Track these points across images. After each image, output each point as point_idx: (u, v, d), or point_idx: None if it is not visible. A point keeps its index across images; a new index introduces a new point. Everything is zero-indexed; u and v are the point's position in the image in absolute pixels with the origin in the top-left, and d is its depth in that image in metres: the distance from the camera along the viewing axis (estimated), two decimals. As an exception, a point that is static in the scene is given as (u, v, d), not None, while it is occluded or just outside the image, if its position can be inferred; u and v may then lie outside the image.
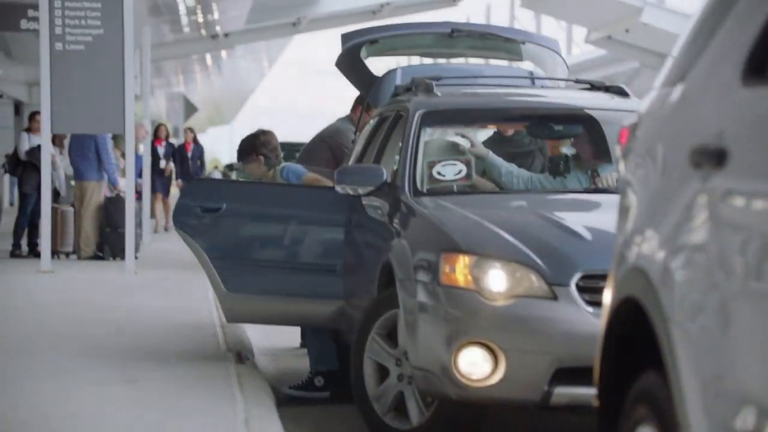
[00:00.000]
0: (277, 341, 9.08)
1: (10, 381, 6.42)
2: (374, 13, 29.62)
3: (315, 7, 28.57)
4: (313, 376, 6.98)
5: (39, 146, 13.49)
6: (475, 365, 5.23)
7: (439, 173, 6.32)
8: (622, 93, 6.89)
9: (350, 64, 7.69)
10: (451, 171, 6.34)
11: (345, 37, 7.61)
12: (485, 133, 7.38)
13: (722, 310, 2.58)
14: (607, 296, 3.23)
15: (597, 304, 5.12)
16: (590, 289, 5.21)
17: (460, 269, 5.34)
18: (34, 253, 14.48)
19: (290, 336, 8.98)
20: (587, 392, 4.93)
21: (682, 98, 3.04)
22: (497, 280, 5.29)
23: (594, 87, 7.09)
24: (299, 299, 6.71)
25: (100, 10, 12.29)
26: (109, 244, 14.10)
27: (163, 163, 20.36)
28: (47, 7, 12.29)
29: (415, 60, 9.03)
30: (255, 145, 7.43)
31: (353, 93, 8.30)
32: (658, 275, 2.86)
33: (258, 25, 28.92)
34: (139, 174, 15.81)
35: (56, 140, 14.87)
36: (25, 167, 14.82)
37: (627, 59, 32.21)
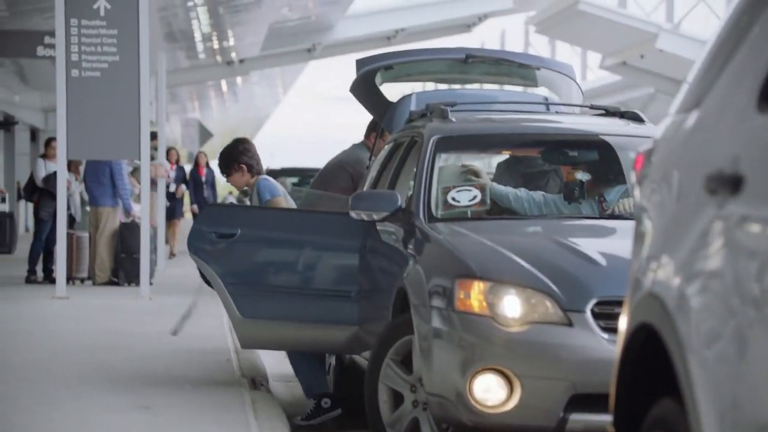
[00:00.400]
0: (291, 367, 9.06)
1: (25, 407, 6.42)
2: (389, 39, 29.71)
3: (330, 34, 28.66)
4: (318, 400, 6.96)
5: (55, 173, 13.54)
6: (490, 392, 5.21)
7: (453, 199, 6.32)
8: (637, 119, 6.88)
9: (365, 89, 7.71)
10: (465, 197, 6.34)
11: (360, 63, 7.64)
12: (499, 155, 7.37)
13: (739, 337, 2.57)
14: (623, 322, 3.21)
15: (612, 330, 5.10)
16: (605, 315, 5.19)
17: (474, 295, 5.32)
18: (49, 278, 14.51)
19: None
20: (603, 419, 4.90)
21: (697, 124, 3.03)
22: (512, 306, 5.27)
23: (609, 113, 7.08)
24: (314, 325, 6.70)
25: (116, 37, 12.35)
26: (123, 269, 14.13)
27: (173, 187, 20.35)
28: (64, 34, 12.35)
29: (430, 86, 9.06)
30: (235, 155, 7.49)
31: (367, 119, 8.30)
32: (674, 302, 2.85)
33: (273, 51, 29.01)
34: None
35: (72, 166, 14.92)
36: (41, 193, 14.88)
37: (642, 85, 32.23)
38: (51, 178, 14.38)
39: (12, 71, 26.62)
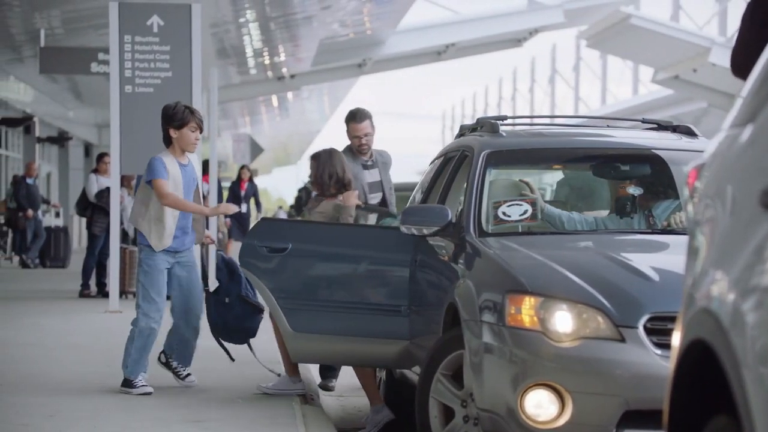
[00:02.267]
0: (342, 381, 9.07)
1: (78, 419, 6.47)
2: (439, 54, 29.72)
3: (381, 49, 28.73)
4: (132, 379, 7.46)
5: (108, 189, 13.64)
6: (541, 407, 5.19)
7: (504, 213, 6.30)
8: (689, 133, 6.83)
9: None
10: (516, 211, 6.32)
11: None
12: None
13: (795, 353, 2.54)
14: (676, 338, 3.19)
15: (665, 345, 5.06)
16: (658, 331, 5.15)
17: (525, 310, 5.30)
18: (102, 293, 14.63)
19: (355, 376, 8.95)
20: (656, 436, 4.86)
21: (751, 139, 3.00)
22: (563, 321, 5.24)
23: (661, 127, 7.04)
24: (365, 339, 6.71)
25: (169, 53, 12.45)
26: (175, 283, 14.19)
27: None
28: (117, 50, 12.48)
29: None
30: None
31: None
32: (729, 317, 2.82)
33: (324, 66, 29.13)
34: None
35: (125, 181, 15.04)
36: (93, 209, 15.01)
37: (694, 99, 32.00)
38: (103, 193, 14.49)
39: (66, 87, 26.94)
